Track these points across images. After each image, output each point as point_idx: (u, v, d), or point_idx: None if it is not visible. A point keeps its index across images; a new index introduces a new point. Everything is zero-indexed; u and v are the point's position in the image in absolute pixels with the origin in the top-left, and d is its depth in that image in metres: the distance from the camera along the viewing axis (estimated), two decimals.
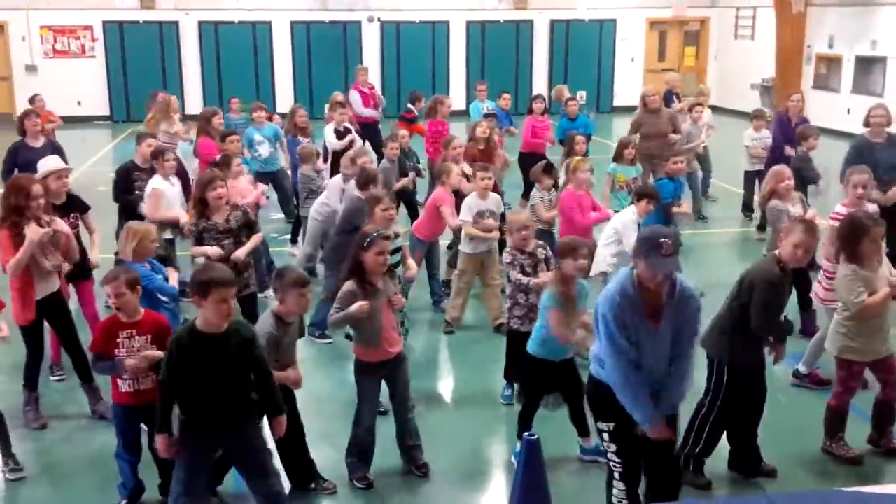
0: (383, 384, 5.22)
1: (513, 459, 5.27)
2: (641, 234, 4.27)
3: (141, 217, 7.25)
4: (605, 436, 4.31)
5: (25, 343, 5.89)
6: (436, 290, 8.18)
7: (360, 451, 5.18)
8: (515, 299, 6.03)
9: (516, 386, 5.98)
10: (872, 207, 6.66)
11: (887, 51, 17.88)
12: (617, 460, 4.29)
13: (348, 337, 5.89)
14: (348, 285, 5.01)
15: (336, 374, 6.68)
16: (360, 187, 7.23)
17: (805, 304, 7.25)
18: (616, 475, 4.30)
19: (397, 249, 6.29)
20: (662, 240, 3.98)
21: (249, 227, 6.54)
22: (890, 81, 17.80)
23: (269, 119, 11.38)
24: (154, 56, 21.78)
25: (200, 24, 22.12)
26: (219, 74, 22.18)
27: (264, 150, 10.40)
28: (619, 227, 7.08)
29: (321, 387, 6.42)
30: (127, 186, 7.96)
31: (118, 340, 4.76)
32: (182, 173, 8.48)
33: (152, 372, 4.69)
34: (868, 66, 18.75)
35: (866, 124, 8.54)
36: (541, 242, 6.36)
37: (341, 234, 6.95)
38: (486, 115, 11.25)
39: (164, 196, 7.49)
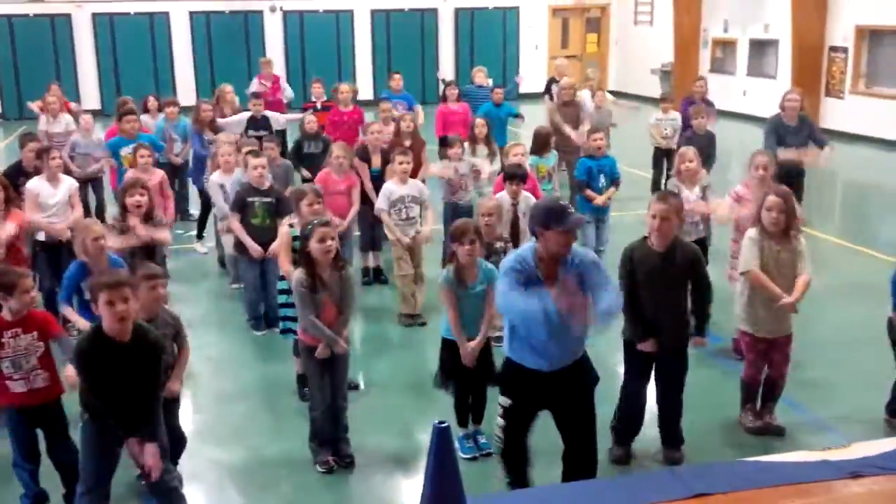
0: None
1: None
2: (540, 208, 4.25)
3: None
4: (500, 409, 4.43)
5: None
6: None
7: (317, 434, 5.20)
8: None
9: (434, 373, 5.97)
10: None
11: (779, 34, 18.52)
12: (500, 436, 4.41)
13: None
14: (297, 274, 5.04)
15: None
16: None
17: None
18: (495, 449, 4.47)
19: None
20: (561, 203, 4.21)
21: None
22: (783, 63, 18.44)
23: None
24: (47, 50, 20.99)
25: (94, 16, 21.42)
26: (116, 68, 21.54)
27: (177, 146, 10.25)
28: None
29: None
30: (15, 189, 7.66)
31: (3, 341, 4.55)
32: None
33: (43, 369, 4.58)
34: (761, 48, 19.39)
35: (782, 108, 9.08)
36: (506, 237, 6.34)
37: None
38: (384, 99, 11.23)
39: (37, 196, 7.14)
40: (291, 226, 6.26)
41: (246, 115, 10.80)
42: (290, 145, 10.66)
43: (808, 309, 5.51)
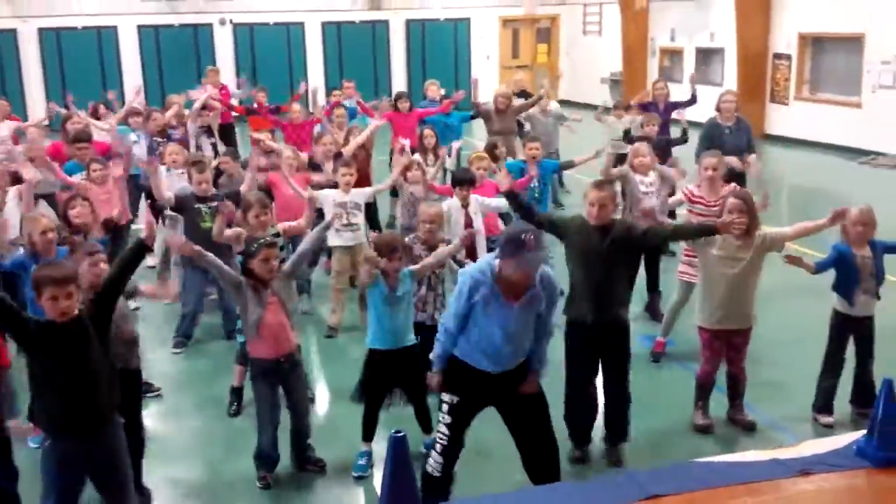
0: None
1: (354, 473, 5.27)
2: (506, 235, 4.28)
3: None
4: (445, 407, 4.40)
5: None
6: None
7: (262, 453, 5.19)
8: None
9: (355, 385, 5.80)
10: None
11: (724, 42, 18.86)
12: (445, 433, 4.38)
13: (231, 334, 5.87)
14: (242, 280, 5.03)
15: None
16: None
17: (652, 287, 7.70)
18: (438, 447, 4.40)
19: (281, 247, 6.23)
20: (524, 236, 4.03)
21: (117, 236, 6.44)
22: (728, 71, 18.78)
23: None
24: None
25: (41, 31, 21.08)
26: (63, 83, 21.20)
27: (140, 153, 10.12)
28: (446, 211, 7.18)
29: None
30: None
31: None
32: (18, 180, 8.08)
33: None
34: (708, 56, 19.74)
35: (717, 109, 9.15)
36: (448, 238, 6.37)
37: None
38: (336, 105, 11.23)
39: None
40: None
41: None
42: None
43: (757, 309, 5.63)
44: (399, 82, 23.17)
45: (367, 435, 5.33)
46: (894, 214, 11.09)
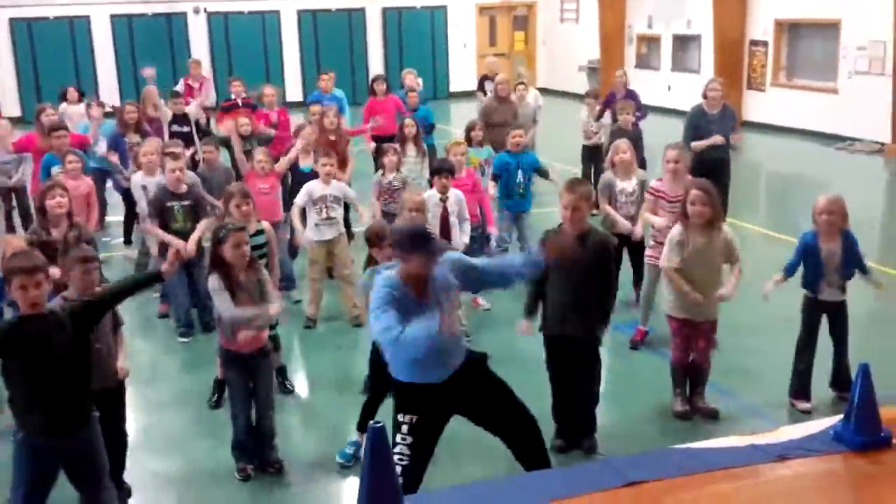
0: None
1: (338, 458, 5.27)
2: (402, 235, 4.20)
3: None
4: (405, 427, 4.23)
5: None
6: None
7: (239, 443, 5.16)
8: None
9: (364, 376, 5.96)
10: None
11: (701, 29, 18.90)
12: (407, 453, 4.21)
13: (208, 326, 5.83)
14: (212, 281, 4.94)
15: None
16: None
17: (638, 279, 7.59)
18: (399, 469, 4.11)
19: (262, 245, 6.19)
20: (426, 230, 4.11)
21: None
22: (705, 58, 18.83)
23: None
24: None
25: (12, 21, 20.80)
26: (36, 73, 20.97)
27: (101, 147, 9.99)
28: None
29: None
30: None
31: None
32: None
33: None
34: (685, 44, 19.78)
35: (704, 96, 9.23)
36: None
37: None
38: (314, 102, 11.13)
39: None
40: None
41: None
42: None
43: (734, 297, 5.65)
44: (376, 71, 23.01)
45: (362, 426, 5.28)
46: (870, 200, 11.20)
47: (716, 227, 5.53)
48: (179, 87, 12.93)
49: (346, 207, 8.09)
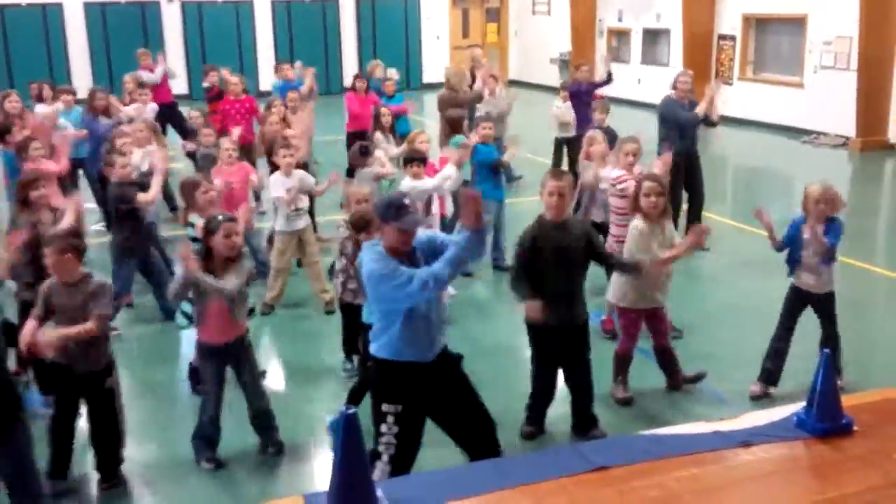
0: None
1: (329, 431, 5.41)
2: (382, 203, 4.21)
3: None
4: (390, 418, 4.20)
5: None
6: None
7: (202, 433, 5.19)
8: (349, 273, 5.95)
9: (355, 358, 6.08)
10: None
11: (670, 23, 19.08)
12: (393, 442, 4.21)
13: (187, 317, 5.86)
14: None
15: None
16: None
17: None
18: (386, 458, 4.19)
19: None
20: (403, 200, 4.07)
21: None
22: (674, 51, 19.02)
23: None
24: None
25: None
26: (7, 61, 20.73)
27: (70, 132, 9.96)
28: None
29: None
30: None
31: None
32: None
33: None
34: (654, 37, 19.95)
35: (674, 87, 9.33)
36: None
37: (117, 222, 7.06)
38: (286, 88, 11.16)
39: None
40: (192, 224, 6.24)
41: (149, 107, 10.72)
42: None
43: (703, 286, 5.78)
44: (350, 61, 23.05)
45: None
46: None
47: (666, 217, 5.71)
48: (146, 78, 12.81)
49: (311, 199, 8.18)
